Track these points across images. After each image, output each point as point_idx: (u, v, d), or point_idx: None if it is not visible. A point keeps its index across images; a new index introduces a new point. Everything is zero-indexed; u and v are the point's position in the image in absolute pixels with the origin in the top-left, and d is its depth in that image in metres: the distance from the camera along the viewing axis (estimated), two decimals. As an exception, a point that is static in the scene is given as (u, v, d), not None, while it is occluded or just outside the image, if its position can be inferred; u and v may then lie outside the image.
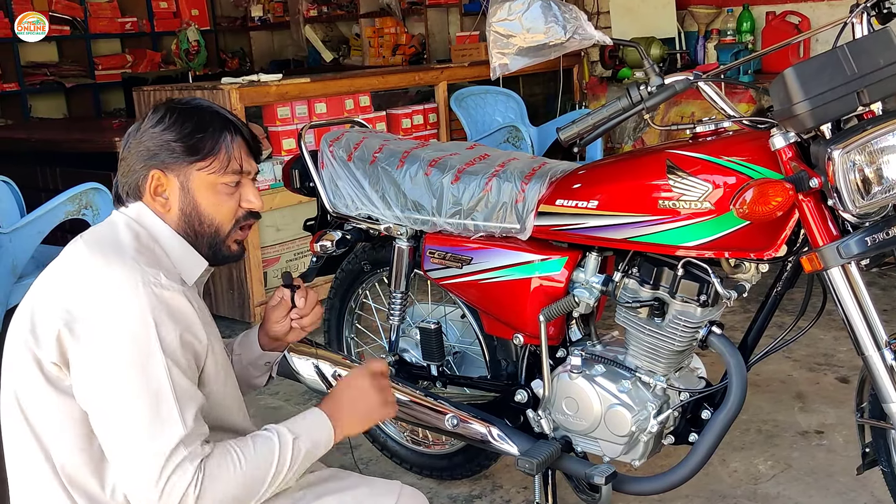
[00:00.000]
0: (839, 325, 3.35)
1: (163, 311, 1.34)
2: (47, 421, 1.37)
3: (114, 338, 1.31)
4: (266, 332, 1.73)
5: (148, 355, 1.31)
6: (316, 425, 1.47)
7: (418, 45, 6.84)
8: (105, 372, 1.32)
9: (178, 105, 1.50)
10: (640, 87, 1.78)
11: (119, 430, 1.31)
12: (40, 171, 4.81)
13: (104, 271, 1.36)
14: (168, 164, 1.46)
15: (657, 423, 1.94)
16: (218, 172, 1.48)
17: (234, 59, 8.36)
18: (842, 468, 2.50)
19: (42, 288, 1.41)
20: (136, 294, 1.33)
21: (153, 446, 1.29)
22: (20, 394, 1.39)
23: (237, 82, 3.86)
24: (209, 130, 1.48)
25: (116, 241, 1.42)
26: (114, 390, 1.31)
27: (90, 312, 1.33)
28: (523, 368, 2.17)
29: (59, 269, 1.41)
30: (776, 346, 1.98)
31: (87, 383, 1.33)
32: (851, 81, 1.56)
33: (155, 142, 1.46)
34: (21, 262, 3.03)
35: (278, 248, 4.06)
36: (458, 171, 2.14)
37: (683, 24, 5.19)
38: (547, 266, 2.02)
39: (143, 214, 1.48)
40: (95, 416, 1.34)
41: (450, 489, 2.53)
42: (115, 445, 1.33)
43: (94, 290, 1.34)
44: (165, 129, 1.46)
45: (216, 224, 1.50)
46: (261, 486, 1.38)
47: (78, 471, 1.37)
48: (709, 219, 1.75)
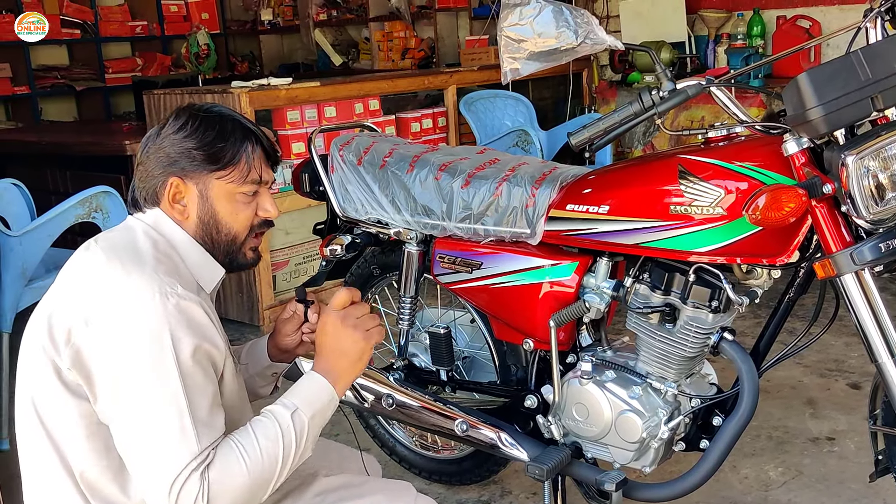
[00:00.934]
0: (850, 330, 3.36)
1: (180, 322, 1.33)
2: (65, 427, 1.36)
3: (129, 351, 1.30)
4: (276, 344, 1.71)
5: (163, 370, 1.30)
6: (312, 389, 1.43)
7: (427, 49, 6.84)
8: (120, 384, 1.31)
9: (199, 112, 1.49)
10: (651, 92, 1.77)
11: (134, 444, 1.31)
12: (50, 173, 4.82)
13: (122, 280, 1.35)
14: (188, 172, 1.46)
15: (668, 430, 1.93)
16: (237, 182, 1.47)
17: (244, 62, 8.37)
18: (853, 475, 2.48)
19: (60, 293, 1.40)
20: (153, 305, 1.32)
21: (164, 463, 1.28)
22: (37, 399, 1.38)
23: (247, 86, 3.87)
24: (230, 140, 1.47)
25: (135, 248, 1.41)
26: (128, 404, 1.31)
27: (107, 322, 1.32)
28: (533, 374, 2.17)
29: (77, 274, 1.40)
30: (788, 352, 1.96)
31: (103, 395, 1.33)
32: (865, 87, 1.55)
33: (175, 148, 1.46)
34: (31, 266, 3.03)
35: (287, 252, 4.07)
36: (468, 175, 2.13)
37: (693, 28, 5.17)
38: (557, 271, 2.01)
39: (160, 221, 1.47)
40: (112, 427, 1.34)
41: (459, 494, 2.53)
42: (130, 459, 1.32)
43: (112, 299, 1.33)
44: (187, 137, 1.46)
45: (233, 232, 1.50)
46: (273, 471, 1.35)
47: (98, 478, 1.37)
48: (721, 224, 1.74)
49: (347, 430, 2.91)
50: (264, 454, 1.34)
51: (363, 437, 2.73)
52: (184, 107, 1.52)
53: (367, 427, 2.68)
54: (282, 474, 1.37)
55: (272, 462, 1.35)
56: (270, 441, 1.35)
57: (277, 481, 1.37)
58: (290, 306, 1.70)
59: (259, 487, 1.34)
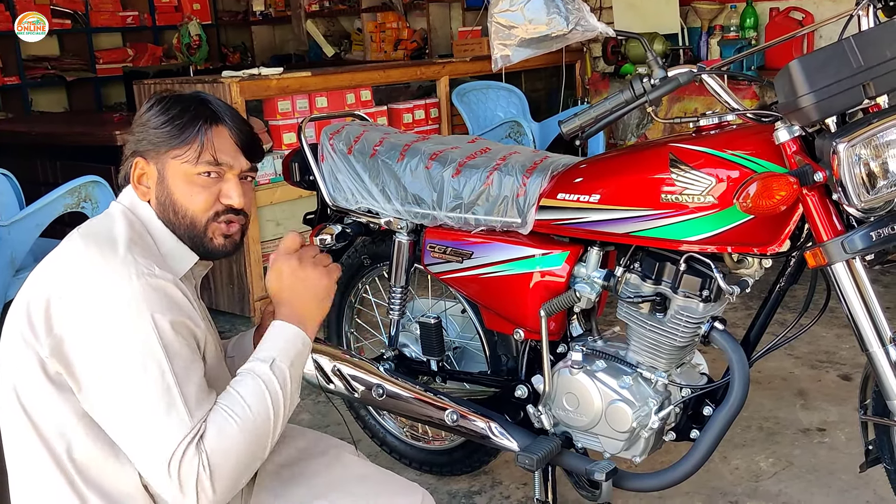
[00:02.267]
0: (841, 322, 3.36)
1: (159, 301, 1.32)
2: (50, 415, 1.35)
3: (110, 335, 1.30)
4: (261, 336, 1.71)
5: (147, 349, 1.30)
6: (284, 337, 1.42)
7: (420, 40, 6.82)
8: (104, 370, 1.30)
9: (170, 95, 1.49)
10: (643, 80, 1.76)
11: (125, 428, 1.30)
12: (41, 164, 4.79)
13: (98, 265, 1.34)
14: (148, 152, 1.46)
15: (658, 420, 1.92)
16: (191, 162, 1.44)
17: (236, 53, 8.33)
18: (843, 466, 2.48)
19: (37, 281, 1.39)
20: (129, 286, 1.31)
21: (159, 443, 1.27)
22: (19, 388, 1.37)
23: (238, 76, 3.84)
24: (186, 118, 1.45)
25: (111, 232, 1.41)
26: (115, 388, 1.30)
27: (85, 309, 1.31)
28: (524, 364, 2.16)
29: (55, 262, 1.40)
30: (778, 342, 1.96)
31: (87, 382, 1.31)
32: (857, 74, 1.54)
33: (140, 129, 1.47)
34: (20, 255, 3.02)
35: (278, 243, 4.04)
36: (458, 164, 2.12)
37: (686, 19, 5.16)
38: (548, 261, 2.00)
39: (136, 203, 1.48)
40: (100, 414, 1.32)
41: (449, 485, 2.52)
42: (125, 444, 1.32)
43: (89, 285, 1.33)
44: (150, 117, 1.46)
45: (189, 215, 1.45)
46: (268, 428, 1.34)
47: (90, 462, 1.36)
48: (712, 213, 1.73)
49: (338, 420, 2.91)
50: (254, 411, 1.33)
51: (353, 427, 2.72)
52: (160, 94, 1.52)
53: (358, 418, 2.67)
54: (276, 428, 1.36)
55: (264, 418, 1.34)
56: (256, 397, 1.34)
57: (274, 437, 1.36)
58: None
59: (257, 446, 1.34)
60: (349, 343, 2.65)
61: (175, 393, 1.29)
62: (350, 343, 2.65)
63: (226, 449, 1.29)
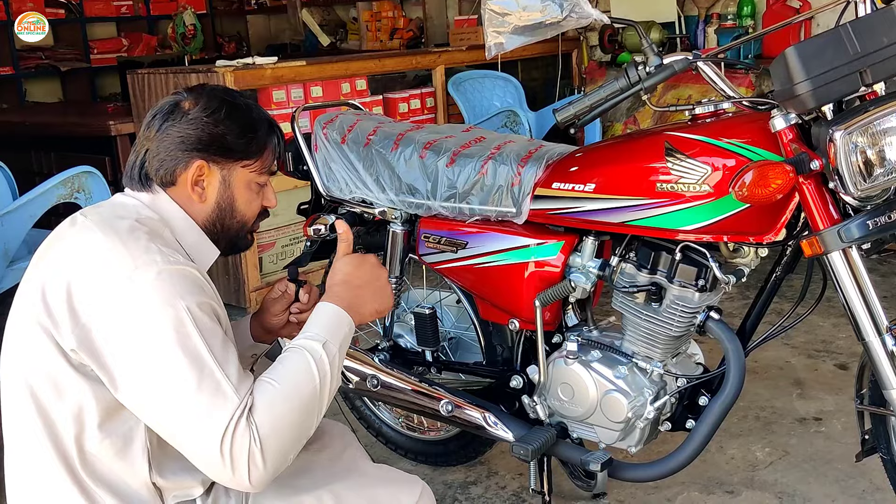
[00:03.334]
0: (838, 311, 3.36)
1: (184, 284, 1.31)
2: (65, 407, 1.32)
3: (145, 326, 1.27)
4: (262, 324, 1.70)
5: (182, 332, 1.28)
6: (335, 323, 1.44)
7: (416, 29, 6.79)
8: (140, 358, 1.27)
9: (226, 97, 1.49)
10: (638, 67, 1.75)
11: (171, 416, 1.28)
12: (35, 155, 4.77)
13: (121, 252, 1.31)
14: (215, 158, 1.46)
15: (654, 410, 1.92)
16: (258, 172, 1.50)
17: (231, 43, 8.29)
18: (840, 455, 2.48)
19: (53, 269, 1.34)
20: (156, 272, 1.30)
21: (209, 424, 1.26)
22: (33, 378, 1.33)
23: (232, 65, 3.83)
24: (260, 132, 1.50)
25: (130, 223, 1.38)
26: (156, 377, 1.27)
27: (113, 297, 1.28)
28: (519, 354, 2.15)
29: (71, 250, 1.35)
30: (774, 332, 1.95)
31: (122, 373, 1.28)
32: (854, 61, 1.53)
33: (206, 132, 1.44)
34: (13, 247, 3.00)
35: (273, 234, 4.03)
36: (453, 153, 2.11)
37: (683, 8, 5.14)
38: (543, 250, 1.99)
39: (157, 201, 1.45)
40: (138, 404, 1.30)
41: (445, 475, 2.52)
42: (171, 432, 1.30)
43: (114, 271, 1.30)
44: (219, 122, 1.45)
45: (245, 219, 1.52)
46: (314, 405, 1.34)
47: (101, 457, 1.33)
48: (707, 202, 1.72)
49: (335, 411, 2.90)
50: (302, 386, 1.33)
51: (350, 418, 2.71)
52: (206, 87, 1.51)
53: (353, 408, 2.66)
54: (322, 406, 1.36)
55: (311, 394, 1.34)
56: (306, 374, 1.34)
57: (319, 415, 1.36)
58: (279, 286, 1.70)
59: (305, 421, 1.33)
60: (344, 334, 2.63)
61: (218, 373, 1.28)
62: (345, 334, 2.64)
63: (276, 422, 1.29)
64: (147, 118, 1.48)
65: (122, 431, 1.34)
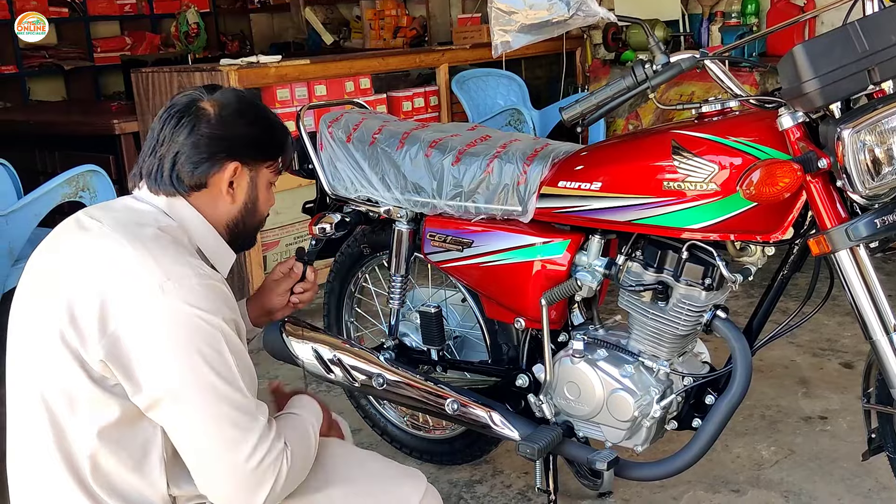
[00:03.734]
0: (843, 310, 3.35)
1: (216, 300, 1.32)
2: (81, 421, 1.30)
3: (178, 337, 1.27)
4: (263, 304, 1.74)
5: (216, 349, 1.30)
6: (314, 411, 1.57)
7: (419, 28, 6.78)
8: (175, 372, 1.27)
9: (246, 98, 1.53)
10: (644, 66, 1.74)
11: (202, 430, 1.29)
12: (39, 154, 4.77)
13: (153, 267, 1.30)
14: (246, 159, 1.48)
15: (660, 409, 1.91)
16: (275, 172, 1.55)
17: (234, 41, 8.28)
18: (846, 454, 2.48)
19: (77, 278, 1.31)
20: (190, 287, 1.29)
21: (241, 439, 1.30)
22: (49, 391, 1.32)
23: (236, 63, 3.82)
24: (278, 131, 1.54)
25: (155, 233, 1.37)
26: (188, 390, 1.28)
27: (147, 311, 1.27)
28: (524, 353, 2.15)
29: (95, 259, 1.32)
30: (781, 331, 1.95)
31: (152, 385, 1.28)
32: (862, 59, 1.52)
33: (239, 133, 1.46)
34: (18, 245, 3.00)
35: (277, 232, 4.03)
36: (458, 152, 2.10)
37: (687, 6, 5.13)
38: (549, 249, 1.99)
39: (175, 205, 1.44)
40: (166, 416, 1.30)
41: (450, 474, 2.51)
42: (200, 446, 1.31)
43: (148, 285, 1.28)
44: (250, 124, 1.48)
45: (262, 217, 1.57)
46: (311, 457, 1.47)
47: (115, 470, 1.32)
48: (714, 200, 1.72)
49: (340, 410, 2.90)
50: (305, 439, 1.46)
51: (354, 417, 2.72)
52: (224, 88, 1.52)
53: (358, 407, 2.66)
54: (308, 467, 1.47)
55: (309, 445, 1.48)
56: (304, 429, 1.49)
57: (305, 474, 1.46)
58: (283, 266, 1.76)
59: (305, 466, 1.45)
60: (349, 332, 2.64)
61: (246, 391, 1.33)
62: (350, 332, 2.64)
63: (297, 453, 1.39)
64: (161, 118, 1.46)
65: (139, 443, 1.33)
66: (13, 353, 1.39)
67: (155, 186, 1.44)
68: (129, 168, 4.40)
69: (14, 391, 1.38)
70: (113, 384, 1.29)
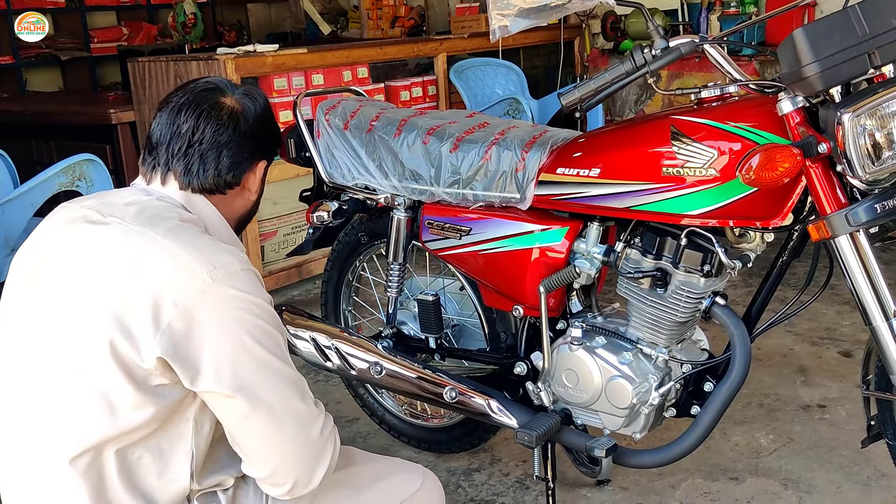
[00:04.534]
0: (842, 298, 3.35)
1: (258, 283, 1.34)
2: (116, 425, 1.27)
3: (235, 322, 1.28)
4: None
5: (269, 331, 1.32)
6: None
7: (417, 17, 6.75)
8: (243, 364, 1.28)
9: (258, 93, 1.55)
10: (643, 50, 1.73)
11: (273, 408, 1.30)
12: (35, 144, 4.76)
13: (196, 256, 1.28)
14: (269, 155, 1.55)
15: (659, 396, 1.91)
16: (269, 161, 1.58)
17: (232, 31, 8.25)
18: (844, 442, 2.47)
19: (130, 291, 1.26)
20: (236, 274, 1.30)
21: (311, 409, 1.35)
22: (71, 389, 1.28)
23: (233, 52, 3.81)
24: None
25: (182, 224, 1.35)
26: (253, 373, 1.28)
27: (200, 298, 1.26)
28: (523, 341, 2.14)
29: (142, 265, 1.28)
30: (779, 318, 1.94)
31: (216, 378, 1.26)
32: (862, 42, 1.51)
33: (270, 132, 1.53)
34: (14, 235, 2.99)
35: (275, 222, 4.02)
36: (456, 139, 2.09)
37: (686, -5, 5.11)
38: (547, 236, 1.98)
39: (192, 200, 1.43)
40: (234, 406, 1.28)
41: (448, 462, 2.51)
42: (268, 434, 1.31)
43: (197, 274, 1.27)
44: (272, 122, 1.55)
45: (258, 205, 1.60)
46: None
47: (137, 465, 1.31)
48: (714, 186, 1.71)
49: (338, 399, 2.90)
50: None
51: (352, 406, 2.71)
52: (251, 87, 1.56)
53: (356, 396, 2.65)
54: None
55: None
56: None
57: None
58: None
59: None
60: (347, 321, 2.63)
61: (296, 374, 1.36)
62: (348, 321, 2.63)
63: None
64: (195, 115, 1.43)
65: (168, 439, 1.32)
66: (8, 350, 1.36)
67: (195, 183, 1.43)
68: (125, 158, 4.39)
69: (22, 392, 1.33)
70: (156, 384, 1.27)
